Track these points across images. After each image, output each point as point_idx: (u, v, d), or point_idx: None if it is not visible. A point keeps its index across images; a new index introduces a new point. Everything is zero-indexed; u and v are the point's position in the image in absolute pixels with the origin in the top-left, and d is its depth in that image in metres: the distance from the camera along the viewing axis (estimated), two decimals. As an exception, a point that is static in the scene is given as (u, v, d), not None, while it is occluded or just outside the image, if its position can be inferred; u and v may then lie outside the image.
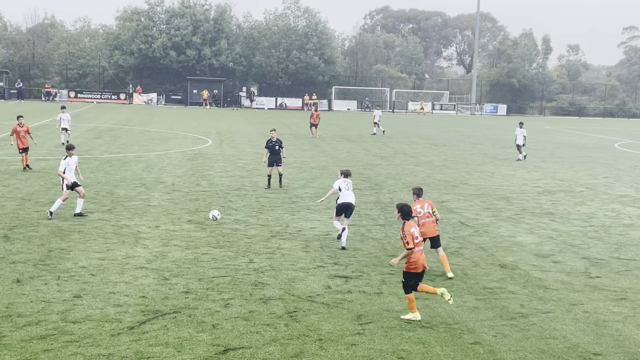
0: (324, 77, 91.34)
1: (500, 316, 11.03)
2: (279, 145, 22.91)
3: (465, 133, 52.45)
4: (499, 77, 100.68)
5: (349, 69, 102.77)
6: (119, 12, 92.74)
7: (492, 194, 23.20)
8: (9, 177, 22.67)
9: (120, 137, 38.09)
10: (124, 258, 13.49)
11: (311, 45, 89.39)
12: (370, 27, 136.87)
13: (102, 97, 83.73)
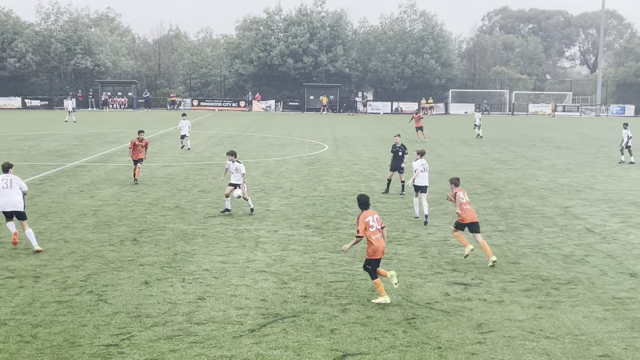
0: (440, 80, 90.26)
1: (631, 328, 10.46)
2: (402, 151, 22.83)
3: (590, 135, 50.30)
4: (626, 76, 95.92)
5: (466, 72, 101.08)
6: (238, 22, 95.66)
7: (621, 199, 22.09)
8: (138, 183, 23.75)
9: (240, 144, 39.14)
10: (244, 262, 13.82)
11: (427, 48, 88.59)
12: (488, 29, 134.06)
13: (223, 104, 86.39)
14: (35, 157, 31.26)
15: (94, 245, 14.96)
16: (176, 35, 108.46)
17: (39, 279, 12.34)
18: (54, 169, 27.01)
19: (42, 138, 40.80)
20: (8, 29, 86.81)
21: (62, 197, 20.94)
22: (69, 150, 34.34)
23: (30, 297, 11.28)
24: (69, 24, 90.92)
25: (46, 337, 9.61)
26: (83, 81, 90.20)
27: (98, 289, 11.84)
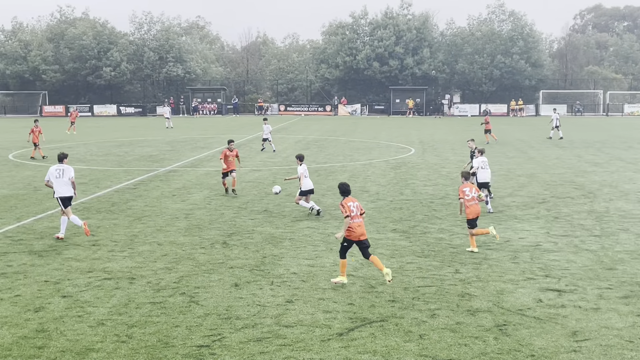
0: (530, 81, 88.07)
1: None
2: (472, 155, 22.56)
3: (691, 136, 47.93)
4: None
5: (557, 72, 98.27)
6: (324, 27, 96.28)
7: None
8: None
9: (326, 148, 39.35)
10: (332, 265, 13.85)
11: (517, 49, 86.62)
12: (580, 27, 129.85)
13: (309, 109, 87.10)
14: (130, 162, 32.36)
15: (186, 248, 15.33)
16: (263, 42, 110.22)
17: (134, 280, 12.74)
18: (148, 174, 27.88)
19: (136, 144, 42.22)
20: (104, 39, 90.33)
21: (155, 201, 21.58)
22: (162, 155, 35.38)
23: (126, 298, 11.66)
24: (161, 33, 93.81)
25: (141, 337, 9.90)
26: (174, 88, 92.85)
27: (190, 290, 12.12)
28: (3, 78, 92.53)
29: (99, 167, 30.46)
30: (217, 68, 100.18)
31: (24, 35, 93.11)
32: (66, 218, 16.23)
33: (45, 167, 29.82)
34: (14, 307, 11.15)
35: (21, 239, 16.18)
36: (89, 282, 12.58)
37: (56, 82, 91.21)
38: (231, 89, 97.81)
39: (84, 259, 14.27)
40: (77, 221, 16.04)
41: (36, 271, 13.34)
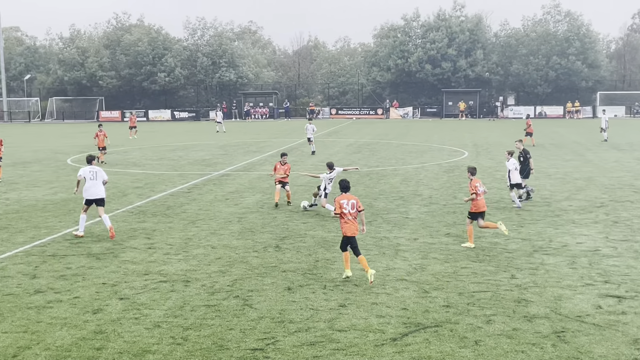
0: (587, 82, 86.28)
1: None
2: (523, 156, 22.12)
3: None
4: None
5: (615, 73, 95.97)
6: (376, 30, 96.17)
7: None
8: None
9: (378, 151, 39.21)
10: (384, 269, 13.77)
11: (573, 50, 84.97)
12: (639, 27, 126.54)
13: (361, 112, 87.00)
14: (184, 166, 32.81)
15: (239, 251, 15.44)
16: (315, 46, 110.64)
17: (189, 283, 12.89)
18: (201, 178, 28.21)
19: (190, 148, 42.79)
20: (159, 45, 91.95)
21: (209, 204, 21.82)
22: (215, 159, 35.77)
23: (181, 301, 11.80)
24: (214, 38, 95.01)
25: (196, 339, 10.00)
26: (227, 93, 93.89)
27: (244, 294, 12.19)
28: (61, 84, 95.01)
29: (154, 171, 30.96)
30: (269, 72, 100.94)
31: (81, 42, 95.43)
32: (85, 216, 17.11)
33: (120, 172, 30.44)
34: (73, 309, 11.39)
35: (79, 241, 16.53)
36: (145, 285, 12.77)
37: (112, 88, 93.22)
38: (283, 93, 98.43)
39: (140, 262, 14.50)
40: (107, 222, 16.90)
41: (94, 273, 13.61)
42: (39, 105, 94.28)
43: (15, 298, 12.00)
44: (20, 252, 15.44)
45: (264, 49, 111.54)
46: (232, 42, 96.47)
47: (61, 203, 22.34)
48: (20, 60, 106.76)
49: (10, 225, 18.57)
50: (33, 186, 26.36)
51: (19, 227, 18.31)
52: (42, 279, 13.19)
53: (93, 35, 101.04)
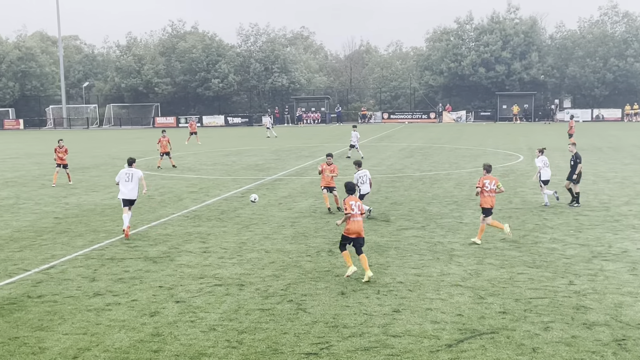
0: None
1: None
2: (573, 160, 21.63)
3: None
4: None
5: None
6: (428, 34, 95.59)
7: None
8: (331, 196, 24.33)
9: (430, 155, 38.92)
10: (439, 275, 13.64)
11: (632, 51, 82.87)
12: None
13: (413, 117, 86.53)
14: (237, 171, 33.13)
15: (292, 255, 15.50)
16: (367, 50, 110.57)
17: (243, 287, 12.99)
18: (255, 183, 28.44)
19: (243, 153, 43.20)
20: (212, 51, 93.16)
21: (262, 209, 21.97)
22: (268, 164, 36.02)
23: (236, 305, 11.90)
24: (267, 44, 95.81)
25: (251, 343, 10.07)
26: (279, 98, 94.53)
27: (297, 298, 12.23)
28: (119, 91, 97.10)
29: (208, 176, 31.34)
30: (320, 77, 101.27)
31: (137, 50, 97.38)
32: (127, 215, 17.92)
33: (175, 177, 31.00)
34: (131, 312, 11.60)
35: (137, 245, 16.84)
36: (201, 288, 12.93)
37: (167, 94, 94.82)
38: (334, 97, 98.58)
39: (195, 266, 14.69)
40: (126, 220, 17.77)
41: (151, 277, 13.84)
42: (97, 112, 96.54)
43: (75, 300, 12.29)
44: (79, 256, 15.80)
45: (316, 54, 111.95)
46: (285, 47, 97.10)
47: (119, 207, 22.74)
48: (79, 68, 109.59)
49: (70, 229, 19.04)
50: (92, 191, 26.98)
51: (78, 231, 18.76)
52: (101, 282, 13.48)
53: (149, 42, 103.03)
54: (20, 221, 20.53)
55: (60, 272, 14.28)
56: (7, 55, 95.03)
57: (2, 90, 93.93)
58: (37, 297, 12.55)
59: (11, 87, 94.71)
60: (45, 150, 48.80)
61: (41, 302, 12.23)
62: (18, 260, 15.47)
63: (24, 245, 17.01)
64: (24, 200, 24.90)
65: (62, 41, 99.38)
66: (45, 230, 19.03)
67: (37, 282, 13.58)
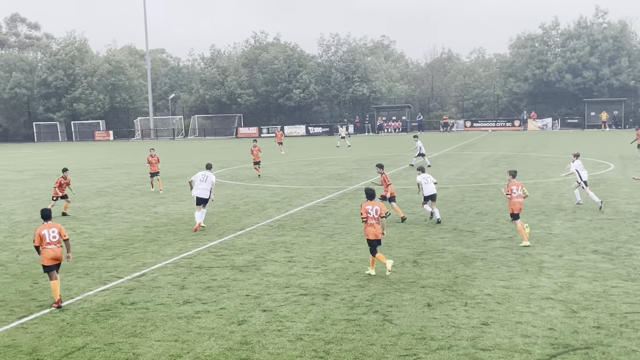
0: None
1: None
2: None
3: None
4: None
5: None
6: (512, 40, 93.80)
7: None
8: (415, 205, 24.14)
9: (516, 164, 38.05)
10: (528, 287, 13.31)
11: None
12: None
13: (497, 124, 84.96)
14: (319, 180, 33.30)
15: (377, 266, 15.43)
16: (448, 58, 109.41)
17: (329, 297, 13.03)
18: (337, 192, 28.52)
19: (325, 163, 43.41)
20: (294, 62, 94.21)
21: (345, 218, 22.00)
22: (349, 173, 36.07)
23: (322, 314, 11.94)
24: (348, 54, 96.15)
25: (338, 353, 10.07)
26: (360, 107, 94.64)
27: (383, 309, 12.17)
28: (203, 102, 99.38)
29: (291, 185, 31.64)
30: (401, 86, 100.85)
31: (221, 61, 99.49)
32: (198, 212, 20.69)
33: (259, 186, 31.48)
34: (220, 320, 11.81)
35: (223, 254, 17.15)
36: (287, 297, 13.04)
37: (250, 105, 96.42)
38: (416, 106, 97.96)
39: (280, 275, 14.83)
40: (197, 217, 20.55)
41: (238, 285, 14.06)
42: (182, 123, 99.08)
43: (166, 308, 12.61)
44: (169, 264, 16.22)
45: (397, 62, 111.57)
46: (365, 57, 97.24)
47: (206, 217, 23.27)
48: (165, 80, 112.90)
49: (160, 238, 19.57)
50: (179, 200, 27.67)
51: (167, 240, 19.26)
52: (190, 290, 13.78)
53: (232, 54, 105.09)
54: (113, 230, 21.25)
55: (151, 280, 14.70)
56: (98, 68, 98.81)
57: (93, 103, 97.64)
58: (130, 304, 12.95)
59: (102, 99, 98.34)
60: (134, 161, 50.45)
61: (134, 309, 12.61)
62: (111, 267, 16.01)
63: (116, 253, 17.60)
64: (115, 209, 25.76)
65: (150, 54, 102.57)
66: (136, 238, 19.62)
67: (129, 289, 14.01)
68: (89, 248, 18.44)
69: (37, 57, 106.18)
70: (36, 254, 17.62)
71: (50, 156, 61.83)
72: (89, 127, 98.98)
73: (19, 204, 28.13)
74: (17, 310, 12.73)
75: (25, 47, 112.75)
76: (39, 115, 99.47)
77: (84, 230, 21.22)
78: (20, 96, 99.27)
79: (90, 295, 13.66)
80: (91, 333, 11.32)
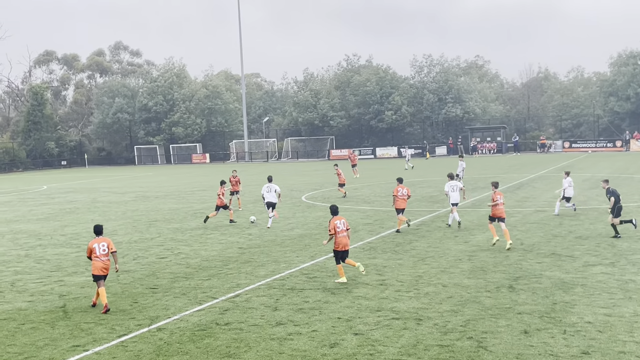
0: None
1: None
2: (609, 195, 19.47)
3: None
4: None
5: None
6: (613, 59, 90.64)
7: None
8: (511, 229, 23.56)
9: (618, 186, 36.40)
10: (631, 315, 12.71)
11: None
12: None
13: (597, 145, 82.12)
14: (411, 202, 32.95)
15: (471, 290, 15.13)
16: (545, 77, 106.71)
17: (421, 321, 12.85)
18: (429, 215, 28.22)
19: (417, 184, 43.05)
20: (386, 84, 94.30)
21: (437, 241, 21.71)
22: (442, 196, 35.57)
23: (414, 339, 11.78)
24: (440, 74, 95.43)
25: (430, 379, 9.89)
26: (453, 128, 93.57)
27: (477, 335, 11.89)
28: (296, 125, 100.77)
29: (382, 207, 31.52)
30: (496, 106, 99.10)
31: (314, 84, 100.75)
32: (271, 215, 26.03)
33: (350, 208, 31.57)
34: (312, 342, 11.84)
35: (315, 276, 17.23)
36: (379, 321, 12.94)
37: (342, 127, 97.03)
38: (511, 126, 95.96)
39: (372, 298, 14.76)
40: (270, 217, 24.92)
41: (330, 308, 14.08)
42: (276, 145, 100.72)
43: (259, 329, 12.76)
44: (262, 285, 16.43)
45: (491, 82, 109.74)
46: (459, 77, 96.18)
47: (298, 238, 23.50)
48: (259, 104, 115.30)
49: (253, 259, 19.87)
50: (272, 222, 28.03)
51: (260, 261, 19.54)
52: (283, 312, 13.90)
53: (325, 77, 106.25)
54: (209, 250, 21.75)
55: (244, 301, 14.92)
56: (195, 93, 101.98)
57: (191, 127, 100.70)
58: (224, 324, 13.18)
59: (199, 123, 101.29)
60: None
61: (228, 329, 12.83)
62: (207, 288, 16.37)
63: (212, 274, 17.98)
64: (211, 230, 26.37)
65: (245, 79, 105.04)
66: (231, 259, 20.00)
67: (224, 309, 14.27)
68: (185, 269, 18.93)
69: (138, 83, 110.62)
70: (136, 274, 18.27)
71: (149, 179, 64.07)
72: (187, 150, 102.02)
73: (120, 225, 29.23)
74: (118, 329, 13.18)
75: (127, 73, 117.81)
76: (140, 139, 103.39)
77: (181, 251, 21.81)
78: (122, 121, 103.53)
79: (187, 315, 14.00)
80: (187, 352, 11.57)
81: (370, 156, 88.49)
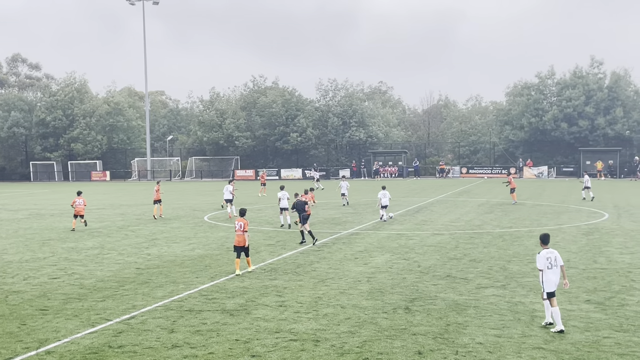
0: None
1: None
2: None
3: None
4: None
5: None
6: (509, 88, 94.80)
7: None
8: (408, 251, 24.11)
9: (511, 212, 38.12)
10: (520, 337, 13.20)
11: None
12: None
13: (492, 171, 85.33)
14: (313, 224, 33.20)
15: (368, 312, 15.33)
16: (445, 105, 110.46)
17: (319, 342, 12.90)
18: (331, 237, 28.48)
19: (320, 207, 43.37)
20: (292, 106, 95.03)
21: (338, 263, 21.93)
22: (344, 218, 36.05)
23: (311, 361, 11.81)
24: (345, 99, 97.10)
25: (325, 401, 9.93)
26: (357, 152, 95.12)
27: (373, 356, 12.04)
28: (200, 144, 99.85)
29: (286, 229, 31.58)
30: (398, 132, 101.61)
31: (220, 104, 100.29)
32: (284, 216, 31.31)
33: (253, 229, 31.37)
34: (207, 364, 11.67)
35: (214, 297, 17.03)
36: (276, 343, 12.91)
37: (247, 148, 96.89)
38: (412, 151, 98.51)
39: (271, 319, 14.71)
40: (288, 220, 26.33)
41: (228, 329, 13.93)
42: (180, 164, 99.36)
43: (154, 351, 12.47)
44: (159, 307, 16.09)
45: (394, 108, 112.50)
46: (363, 102, 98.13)
47: (198, 259, 23.20)
48: (163, 122, 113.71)
49: (151, 280, 19.45)
50: (172, 242, 27.57)
51: (158, 282, 19.14)
52: (179, 334, 13.65)
53: (231, 97, 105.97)
54: (104, 271, 21.13)
55: (140, 323, 14.56)
56: (96, 109, 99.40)
57: (91, 143, 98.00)
58: (117, 347, 12.81)
59: (99, 140, 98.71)
60: (130, 202, 50.40)
61: (122, 352, 12.47)
62: (101, 309, 15.88)
63: (106, 295, 17.47)
64: (108, 250, 25.66)
65: (149, 96, 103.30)
66: (127, 280, 19.50)
67: (118, 332, 13.88)
68: (79, 289, 18.30)
69: (36, 97, 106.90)
70: (26, 295, 17.51)
71: (45, 196, 61.78)
72: (86, 167, 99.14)
73: (10, 243, 28.01)
74: (4, 352, 12.58)
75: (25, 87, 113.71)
76: (36, 154, 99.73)
77: (75, 271, 21.09)
78: (17, 135, 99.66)
79: (78, 337, 13.52)
80: (77, 376, 11.16)
81: (275, 177, 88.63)
